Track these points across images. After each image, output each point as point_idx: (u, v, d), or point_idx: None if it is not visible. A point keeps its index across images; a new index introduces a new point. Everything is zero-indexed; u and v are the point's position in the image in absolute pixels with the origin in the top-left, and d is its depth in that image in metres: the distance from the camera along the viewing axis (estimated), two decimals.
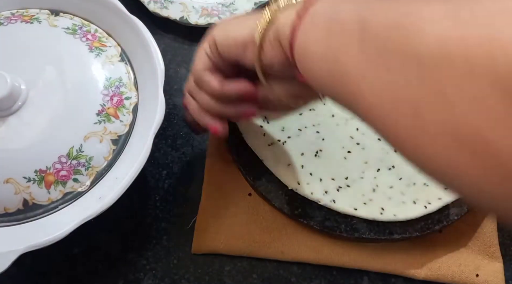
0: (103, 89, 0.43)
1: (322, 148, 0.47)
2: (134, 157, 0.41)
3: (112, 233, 0.48)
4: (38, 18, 0.46)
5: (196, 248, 0.47)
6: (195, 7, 0.57)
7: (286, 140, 0.48)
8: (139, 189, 0.50)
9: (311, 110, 0.49)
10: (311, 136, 0.48)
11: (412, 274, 0.45)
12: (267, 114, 0.47)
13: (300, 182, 0.46)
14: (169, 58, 0.57)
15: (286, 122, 0.49)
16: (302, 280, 0.46)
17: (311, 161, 0.47)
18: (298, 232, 0.47)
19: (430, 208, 0.44)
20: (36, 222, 0.41)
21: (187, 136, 0.53)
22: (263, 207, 0.48)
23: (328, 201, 0.45)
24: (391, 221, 0.44)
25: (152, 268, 0.47)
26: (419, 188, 0.45)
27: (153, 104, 0.43)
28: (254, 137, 0.48)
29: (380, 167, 0.46)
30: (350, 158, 0.47)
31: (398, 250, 0.46)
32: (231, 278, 0.46)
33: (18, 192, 0.41)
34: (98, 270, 0.47)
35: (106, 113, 0.43)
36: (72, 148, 0.41)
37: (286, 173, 0.46)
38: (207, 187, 0.49)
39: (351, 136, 0.48)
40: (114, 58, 0.46)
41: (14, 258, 0.38)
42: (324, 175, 0.46)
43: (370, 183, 0.46)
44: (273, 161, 0.47)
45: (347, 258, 0.46)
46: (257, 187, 0.46)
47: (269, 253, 0.46)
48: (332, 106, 0.49)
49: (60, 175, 0.41)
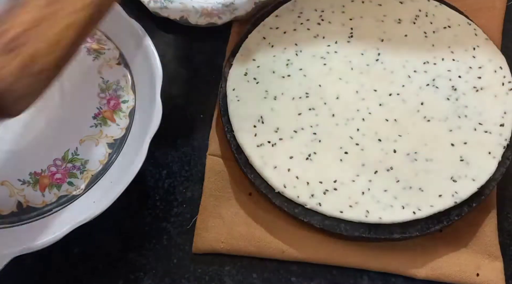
0: (100, 92, 0.44)
1: (316, 151, 0.47)
2: (129, 161, 0.41)
3: (112, 233, 0.48)
4: None
5: (196, 247, 0.47)
6: (195, 7, 0.57)
7: (277, 142, 0.48)
8: (139, 189, 0.50)
9: (311, 110, 0.49)
10: (306, 138, 0.48)
11: (413, 273, 0.45)
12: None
13: (286, 185, 0.46)
14: (169, 58, 0.57)
15: (282, 123, 0.49)
16: (302, 280, 0.46)
17: (300, 164, 0.47)
18: (298, 231, 0.46)
19: (419, 214, 0.44)
20: (30, 224, 0.41)
21: (187, 136, 0.53)
22: (264, 206, 0.48)
23: (314, 204, 0.45)
24: (377, 223, 0.44)
25: (152, 268, 0.47)
26: (414, 192, 0.45)
27: (150, 108, 0.43)
28: (245, 137, 0.48)
29: (378, 168, 0.46)
30: (346, 159, 0.47)
31: (398, 250, 0.46)
32: (231, 278, 0.46)
33: (13, 194, 0.41)
34: (98, 270, 0.47)
35: (102, 116, 0.43)
36: (68, 151, 0.41)
37: (272, 175, 0.46)
38: (207, 186, 0.49)
39: (351, 136, 0.48)
40: (112, 61, 0.46)
41: (7, 261, 0.38)
42: (311, 178, 0.46)
43: (361, 185, 0.45)
44: (260, 162, 0.47)
45: (347, 258, 0.46)
46: (257, 186, 0.46)
47: (269, 253, 0.46)
48: (333, 106, 0.49)
49: (55, 178, 0.41)
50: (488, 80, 0.50)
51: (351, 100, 0.50)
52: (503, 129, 0.47)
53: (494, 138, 0.47)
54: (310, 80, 0.51)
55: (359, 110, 0.49)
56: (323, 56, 0.52)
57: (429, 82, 0.50)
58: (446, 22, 0.53)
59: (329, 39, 0.53)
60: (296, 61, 0.52)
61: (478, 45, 0.52)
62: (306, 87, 0.50)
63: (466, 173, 0.46)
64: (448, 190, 0.45)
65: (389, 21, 0.54)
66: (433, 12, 0.54)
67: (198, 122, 0.54)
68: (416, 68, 0.51)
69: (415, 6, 0.54)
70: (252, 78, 0.51)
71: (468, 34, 0.52)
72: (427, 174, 0.46)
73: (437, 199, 0.45)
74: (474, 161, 0.46)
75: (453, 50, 0.52)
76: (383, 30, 0.53)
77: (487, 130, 0.47)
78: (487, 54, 0.51)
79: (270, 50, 0.52)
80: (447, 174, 0.46)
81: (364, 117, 0.49)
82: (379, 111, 0.49)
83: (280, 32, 0.53)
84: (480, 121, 0.48)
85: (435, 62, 0.51)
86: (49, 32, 0.32)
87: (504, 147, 0.47)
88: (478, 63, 0.51)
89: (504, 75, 0.50)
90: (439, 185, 0.45)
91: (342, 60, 0.52)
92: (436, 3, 0.54)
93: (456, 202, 0.44)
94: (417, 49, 0.52)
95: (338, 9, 0.54)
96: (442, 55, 0.51)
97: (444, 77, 0.50)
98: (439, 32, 0.53)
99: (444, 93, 0.49)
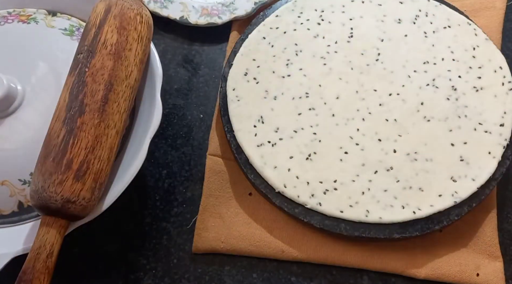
0: None
1: (316, 151, 0.47)
2: (129, 161, 0.42)
3: (112, 233, 0.48)
4: (35, 18, 0.46)
5: (196, 247, 0.47)
6: (195, 7, 0.57)
7: (277, 142, 0.48)
8: (139, 189, 0.50)
9: (311, 110, 0.49)
10: (306, 138, 0.48)
11: (412, 273, 0.45)
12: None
13: (287, 185, 0.46)
14: (169, 58, 0.57)
15: (282, 123, 0.49)
16: (302, 280, 0.46)
17: (300, 164, 0.47)
18: (298, 231, 0.47)
19: (418, 214, 0.44)
20: (31, 224, 0.41)
21: (187, 136, 0.53)
22: (264, 206, 0.48)
23: (314, 204, 0.45)
24: (377, 223, 0.44)
25: (152, 268, 0.47)
26: (414, 192, 0.45)
27: (150, 108, 0.43)
28: (246, 137, 0.48)
29: (378, 168, 0.46)
30: (346, 159, 0.47)
31: (398, 250, 0.46)
32: (231, 278, 0.46)
33: (13, 194, 0.41)
34: (98, 270, 0.47)
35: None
36: None
37: (273, 175, 0.46)
38: (207, 186, 0.49)
39: (351, 136, 0.48)
40: None
41: (7, 260, 0.38)
42: (311, 178, 0.46)
43: (361, 185, 0.45)
44: (260, 162, 0.47)
45: (347, 257, 0.46)
46: (257, 186, 0.46)
47: (269, 253, 0.46)
48: (333, 106, 0.49)
49: None
50: (488, 80, 0.50)
51: (351, 100, 0.50)
52: (503, 129, 0.47)
53: (494, 138, 0.47)
54: (310, 80, 0.51)
55: (359, 110, 0.49)
56: (323, 56, 0.52)
57: (429, 82, 0.50)
58: (446, 22, 0.53)
59: (329, 39, 0.53)
60: (296, 61, 0.52)
61: (478, 45, 0.52)
62: (306, 87, 0.50)
63: (466, 172, 0.46)
64: (448, 190, 0.45)
65: (389, 21, 0.54)
66: (433, 12, 0.54)
67: (198, 122, 0.54)
68: (416, 68, 0.51)
69: (415, 6, 0.54)
70: (252, 78, 0.51)
71: (468, 34, 0.52)
72: (427, 174, 0.46)
73: (437, 199, 0.45)
74: (474, 160, 0.46)
75: (453, 50, 0.52)
76: (383, 30, 0.53)
77: (487, 130, 0.47)
78: (487, 54, 0.51)
79: (270, 50, 0.52)
80: (447, 174, 0.46)
81: (364, 117, 0.49)
82: (379, 111, 0.49)
83: (280, 32, 0.53)
84: (480, 121, 0.48)
85: (435, 62, 0.51)
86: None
87: (504, 146, 0.47)
88: (478, 63, 0.51)
89: (504, 75, 0.50)
90: (439, 184, 0.45)
91: (342, 60, 0.52)
92: (436, 3, 0.54)
93: (456, 202, 0.44)
94: (417, 49, 0.52)
95: (338, 9, 0.54)
96: (442, 55, 0.51)
97: (444, 77, 0.50)
98: (439, 32, 0.53)
99: (444, 93, 0.49)
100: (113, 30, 0.41)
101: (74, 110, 0.38)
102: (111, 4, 0.42)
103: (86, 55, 0.40)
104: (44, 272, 0.35)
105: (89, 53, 0.40)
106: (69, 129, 0.37)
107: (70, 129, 0.37)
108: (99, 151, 0.38)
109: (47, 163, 0.37)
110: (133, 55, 0.41)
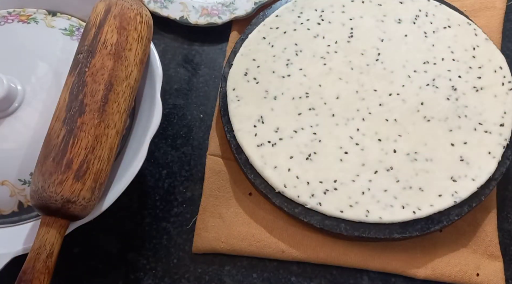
0: None
1: (316, 151, 0.47)
2: (129, 161, 0.42)
3: (112, 233, 0.48)
4: (35, 18, 0.46)
5: (196, 247, 0.47)
6: (195, 7, 0.57)
7: (277, 142, 0.48)
8: (139, 189, 0.50)
9: (311, 110, 0.49)
10: (306, 138, 0.48)
11: (413, 273, 0.45)
12: None
13: (287, 185, 0.46)
14: (169, 58, 0.57)
15: (282, 123, 0.49)
16: (302, 280, 0.46)
17: (300, 164, 0.47)
18: (298, 231, 0.47)
19: (418, 213, 0.44)
20: (31, 224, 0.41)
21: (187, 136, 0.53)
22: (264, 206, 0.48)
23: (315, 204, 0.45)
24: (377, 223, 0.44)
25: (152, 268, 0.47)
26: (414, 192, 0.45)
27: (150, 108, 0.43)
28: (246, 137, 0.48)
29: (378, 168, 0.46)
30: (346, 159, 0.47)
31: (398, 250, 0.46)
32: (231, 278, 0.46)
33: (13, 194, 0.41)
34: (98, 270, 0.47)
35: None
36: None
37: (273, 175, 0.46)
38: (207, 186, 0.49)
39: (351, 136, 0.48)
40: None
41: (7, 260, 0.38)
42: (312, 178, 0.46)
43: (361, 185, 0.45)
44: (260, 162, 0.47)
45: (347, 257, 0.46)
46: (257, 186, 0.46)
47: (269, 253, 0.46)
48: (333, 106, 0.49)
49: None
50: (488, 80, 0.50)
51: (351, 100, 0.50)
52: (503, 129, 0.47)
53: (494, 138, 0.47)
54: (310, 80, 0.51)
55: (359, 110, 0.49)
56: (323, 56, 0.52)
57: (429, 82, 0.50)
58: (446, 22, 0.53)
59: (329, 39, 0.53)
60: (296, 61, 0.52)
61: (478, 45, 0.52)
62: (306, 87, 0.50)
63: (466, 172, 0.46)
64: (448, 190, 0.45)
65: (389, 21, 0.54)
66: (433, 12, 0.54)
67: (198, 122, 0.54)
68: (416, 68, 0.51)
69: (415, 6, 0.54)
70: (252, 78, 0.51)
71: (468, 34, 0.52)
72: (427, 174, 0.46)
73: (437, 199, 0.45)
74: (474, 160, 0.46)
75: (453, 50, 0.52)
76: (383, 30, 0.53)
77: (487, 130, 0.47)
78: (487, 54, 0.51)
79: (270, 50, 0.52)
80: (447, 174, 0.46)
81: (364, 117, 0.49)
82: (379, 111, 0.49)
83: (280, 32, 0.53)
84: (480, 121, 0.48)
85: (435, 62, 0.51)
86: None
87: (504, 146, 0.47)
88: (478, 63, 0.51)
89: (504, 75, 0.50)
90: (439, 184, 0.45)
91: (342, 60, 0.52)
92: (436, 3, 0.54)
93: (456, 202, 0.44)
94: (417, 49, 0.52)
95: (338, 9, 0.54)
96: (442, 55, 0.51)
97: (444, 77, 0.50)
98: (439, 32, 0.53)
99: (444, 93, 0.49)
100: (113, 30, 0.41)
101: (74, 110, 0.38)
102: (111, 4, 0.42)
103: (86, 55, 0.40)
104: (44, 272, 0.35)
105: (89, 53, 0.40)
106: (69, 129, 0.37)
107: (70, 129, 0.37)
108: (99, 151, 0.38)
109: (47, 162, 0.37)
110: (133, 55, 0.41)
